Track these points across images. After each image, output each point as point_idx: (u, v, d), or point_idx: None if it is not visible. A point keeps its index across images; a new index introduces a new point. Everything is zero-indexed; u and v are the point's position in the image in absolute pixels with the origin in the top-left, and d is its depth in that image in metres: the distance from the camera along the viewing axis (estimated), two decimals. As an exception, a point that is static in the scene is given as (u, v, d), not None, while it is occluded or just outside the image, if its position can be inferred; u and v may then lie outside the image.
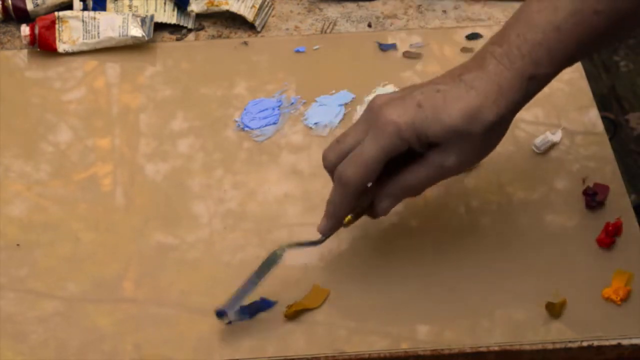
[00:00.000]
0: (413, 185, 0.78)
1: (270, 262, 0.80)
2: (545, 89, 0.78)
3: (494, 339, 0.80)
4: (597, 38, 0.75)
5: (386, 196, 0.79)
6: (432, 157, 0.76)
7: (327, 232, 0.80)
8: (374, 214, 0.81)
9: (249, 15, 1.05)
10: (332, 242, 0.84)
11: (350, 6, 1.08)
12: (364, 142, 0.75)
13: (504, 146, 0.85)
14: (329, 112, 0.97)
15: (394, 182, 0.78)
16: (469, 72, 0.75)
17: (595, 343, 0.80)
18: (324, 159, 0.79)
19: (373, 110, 0.76)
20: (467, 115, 0.73)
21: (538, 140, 0.93)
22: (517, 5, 1.07)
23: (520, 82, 0.74)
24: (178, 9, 1.06)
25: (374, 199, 0.79)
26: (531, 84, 0.75)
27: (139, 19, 1.02)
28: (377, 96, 0.77)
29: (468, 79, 0.74)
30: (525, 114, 0.77)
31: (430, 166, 0.76)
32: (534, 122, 0.95)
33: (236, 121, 0.96)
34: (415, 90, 0.76)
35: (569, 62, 0.76)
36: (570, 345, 0.79)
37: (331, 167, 0.79)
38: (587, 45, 0.75)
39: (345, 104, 0.97)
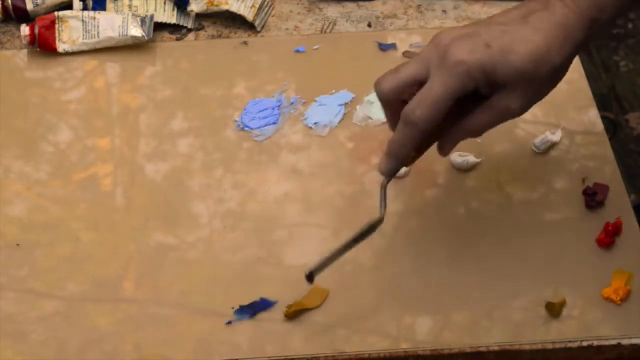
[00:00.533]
0: (477, 130, 0.78)
1: (372, 228, 0.78)
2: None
3: (493, 339, 0.80)
4: None
5: (451, 141, 0.79)
6: (497, 101, 0.76)
7: (390, 173, 0.78)
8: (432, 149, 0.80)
9: (249, 15, 1.05)
10: (331, 242, 0.84)
11: (350, 6, 1.08)
12: (432, 81, 0.74)
13: (503, 146, 0.86)
14: (329, 112, 0.97)
15: (459, 129, 0.78)
16: (534, 12, 0.76)
17: (595, 343, 0.79)
18: (378, 85, 0.77)
19: (440, 47, 0.75)
20: (535, 57, 0.74)
21: (538, 140, 0.93)
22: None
23: (585, 24, 0.75)
24: (178, 9, 1.06)
25: (438, 140, 0.79)
26: (593, 27, 0.76)
27: (139, 19, 1.02)
28: (442, 32, 0.76)
29: (534, 20, 0.75)
30: (524, 114, 0.77)
31: (495, 110, 0.76)
32: (534, 122, 0.95)
33: (236, 121, 0.96)
34: (481, 29, 0.75)
35: (624, 8, 0.77)
36: (570, 345, 0.79)
37: (385, 96, 0.77)
38: None
39: (345, 104, 0.97)
